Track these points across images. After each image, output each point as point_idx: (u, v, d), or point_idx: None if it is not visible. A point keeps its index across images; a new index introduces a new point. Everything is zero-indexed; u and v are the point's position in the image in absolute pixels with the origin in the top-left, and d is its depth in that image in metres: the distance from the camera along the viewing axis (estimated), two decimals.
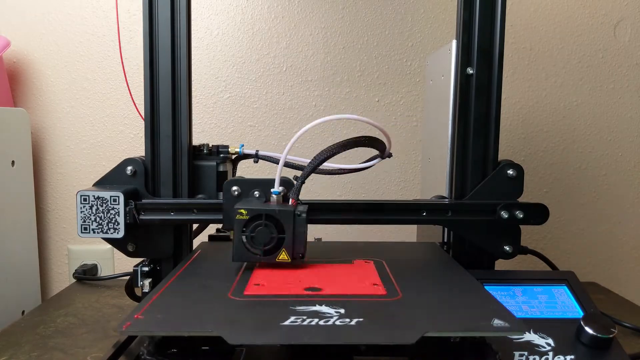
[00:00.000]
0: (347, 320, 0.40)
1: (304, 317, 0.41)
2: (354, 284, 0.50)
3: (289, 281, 0.50)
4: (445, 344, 0.45)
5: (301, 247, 0.52)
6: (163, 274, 0.63)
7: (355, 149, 0.59)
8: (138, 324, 0.40)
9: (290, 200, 0.54)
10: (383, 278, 0.52)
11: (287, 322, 0.40)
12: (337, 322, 0.40)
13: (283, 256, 0.52)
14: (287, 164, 0.66)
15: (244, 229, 0.51)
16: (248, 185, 0.57)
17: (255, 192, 0.57)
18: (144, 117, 0.61)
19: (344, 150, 0.56)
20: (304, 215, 0.52)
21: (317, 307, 0.43)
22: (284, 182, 0.56)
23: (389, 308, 0.44)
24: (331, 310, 0.42)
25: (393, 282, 0.51)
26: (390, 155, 0.61)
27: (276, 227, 0.52)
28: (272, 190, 0.55)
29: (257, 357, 0.48)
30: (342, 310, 0.42)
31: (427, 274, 0.55)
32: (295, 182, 0.55)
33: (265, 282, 0.49)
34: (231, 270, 0.54)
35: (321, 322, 0.40)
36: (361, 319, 0.40)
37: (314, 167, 0.55)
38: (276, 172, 0.55)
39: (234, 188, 0.57)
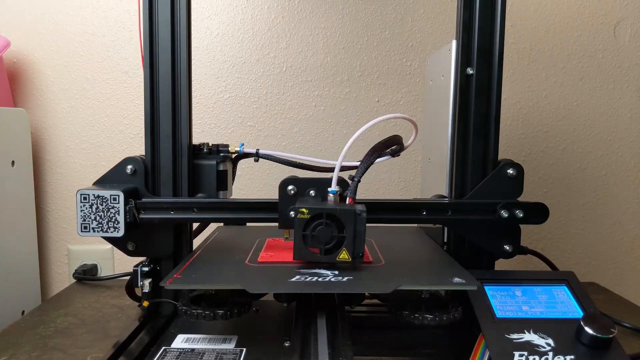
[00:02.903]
0: (340, 277, 0.51)
1: (307, 276, 0.51)
2: None
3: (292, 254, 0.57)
4: (419, 299, 0.55)
5: (361, 246, 0.52)
6: (163, 274, 0.63)
7: (357, 148, 0.59)
8: (178, 280, 0.50)
9: (348, 199, 0.54)
10: (371, 251, 0.62)
11: (293, 279, 0.50)
12: (332, 279, 0.50)
13: (344, 255, 0.52)
14: (283, 161, 0.66)
15: (305, 228, 0.52)
16: (304, 184, 0.57)
17: (311, 191, 0.57)
18: (144, 117, 0.61)
19: (387, 149, 0.59)
20: (364, 214, 0.52)
21: (316, 270, 0.53)
22: (339, 181, 0.56)
23: (374, 270, 0.54)
24: (327, 272, 0.52)
25: (378, 253, 0.61)
26: (398, 154, 0.61)
27: (337, 226, 0.52)
28: (329, 189, 0.55)
29: (270, 313, 0.61)
30: (336, 272, 0.52)
31: (407, 249, 0.66)
32: (350, 181, 0.55)
33: (274, 254, 0.59)
34: (246, 246, 0.64)
35: (319, 279, 0.50)
36: (351, 277, 0.51)
37: (368, 166, 0.56)
38: (332, 173, 0.55)
39: (290, 187, 0.57)
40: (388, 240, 0.69)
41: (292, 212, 0.53)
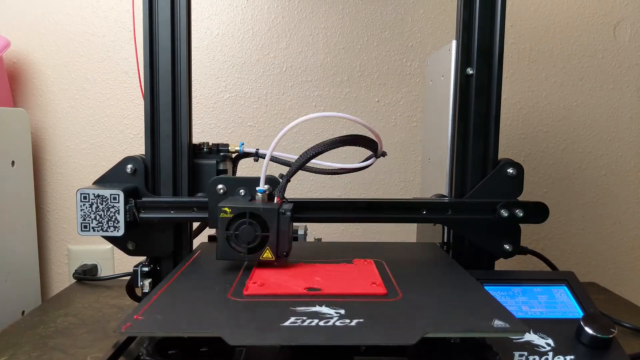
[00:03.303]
0: (347, 321, 0.40)
1: (304, 318, 0.41)
2: (354, 283, 0.49)
3: (288, 281, 0.50)
4: (446, 345, 0.45)
5: (285, 245, 0.52)
6: (163, 274, 0.63)
7: (357, 149, 0.58)
8: (138, 324, 0.39)
9: (276, 198, 0.54)
10: (383, 278, 0.51)
11: (287, 323, 0.40)
12: (337, 323, 0.40)
13: (267, 254, 0.51)
14: (282, 161, 0.66)
15: (228, 227, 0.51)
16: (234, 183, 0.57)
17: (241, 191, 0.57)
18: (144, 117, 0.61)
19: (333, 148, 0.55)
20: (288, 213, 0.51)
21: (317, 308, 0.43)
22: (270, 180, 0.56)
23: (389, 308, 0.44)
24: (331, 311, 0.42)
25: (393, 282, 0.50)
26: (384, 154, 0.60)
27: (260, 225, 0.51)
28: (257, 188, 0.54)
29: (257, 358, 0.48)
30: (342, 311, 0.42)
31: (427, 274, 0.55)
32: (281, 180, 0.55)
33: (264, 282, 0.49)
34: (231, 271, 0.53)
35: (321, 323, 0.40)
36: (361, 320, 0.40)
37: (301, 164, 0.55)
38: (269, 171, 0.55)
39: (220, 186, 0.57)
40: (402, 262, 0.58)
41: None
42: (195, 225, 0.71)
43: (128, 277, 0.65)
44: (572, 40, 1.00)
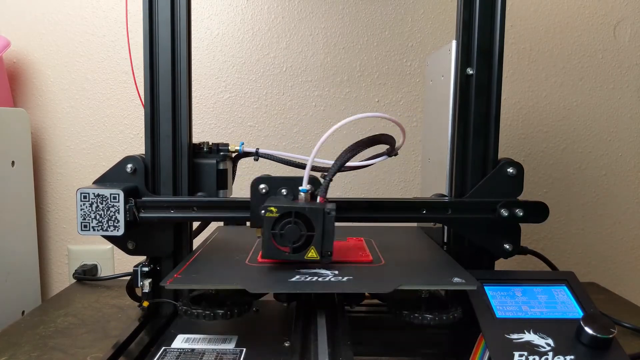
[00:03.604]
0: (340, 277, 0.51)
1: (307, 275, 0.51)
2: (347, 253, 0.60)
3: None
4: (418, 299, 0.55)
5: (330, 245, 0.52)
6: (163, 274, 0.63)
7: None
8: (178, 280, 0.50)
9: (319, 198, 0.54)
10: (371, 251, 0.62)
11: (293, 279, 0.50)
12: (332, 279, 0.51)
13: (312, 254, 0.52)
14: (282, 160, 0.66)
15: (274, 227, 0.52)
16: (275, 182, 0.57)
17: (283, 190, 0.57)
18: (144, 117, 0.61)
19: (367, 148, 0.58)
20: (333, 213, 0.52)
21: (316, 270, 0.53)
22: (312, 180, 0.56)
23: (373, 270, 0.55)
24: (327, 272, 0.53)
25: (378, 253, 0.61)
26: (396, 154, 0.61)
27: (305, 225, 0.52)
28: (300, 188, 0.55)
29: (270, 313, 0.61)
30: (336, 272, 0.53)
31: (407, 249, 0.66)
32: (322, 180, 0.55)
33: None
34: (246, 246, 0.64)
35: (319, 279, 0.51)
36: (351, 277, 0.51)
37: (341, 165, 0.56)
38: (304, 171, 0.55)
39: (262, 186, 0.57)
40: (388, 240, 0.69)
41: (262, 211, 0.53)
42: (196, 225, 0.71)
43: (128, 277, 0.65)
44: (572, 40, 1.00)
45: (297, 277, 0.51)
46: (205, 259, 0.59)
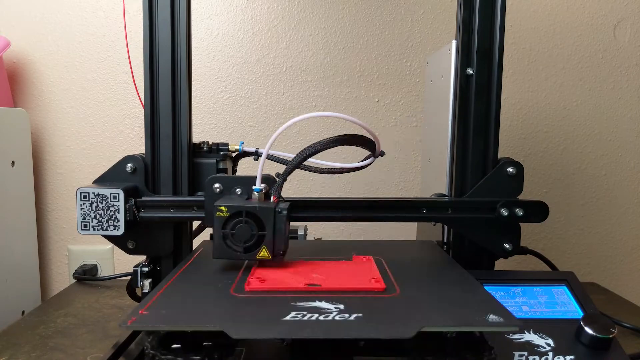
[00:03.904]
0: (346, 315, 0.41)
1: (304, 313, 0.41)
2: (353, 279, 0.50)
3: (289, 277, 0.50)
4: (443, 340, 0.46)
5: (282, 244, 0.52)
6: (163, 274, 0.63)
7: (357, 149, 0.58)
8: (143, 319, 0.41)
9: (272, 197, 0.54)
10: (383, 275, 0.52)
11: (287, 317, 0.40)
12: (337, 318, 0.40)
13: (263, 253, 0.51)
14: (280, 160, 0.66)
15: (225, 226, 0.51)
16: (230, 182, 0.57)
17: (237, 190, 0.57)
18: (144, 117, 0.61)
19: (329, 148, 0.55)
20: (284, 212, 0.51)
21: (317, 303, 0.43)
22: (266, 179, 0.55)
23: (387, 304, 0.44)
24: (331, 306, 0.43)
25: (391, 278, 0.51)
26: (382, 154, 0.60)
27: (257, 224, 0.51)
28: (253, 187, 0.54)
29: (258, 354, 0.49)
30: (342, 306, 0.43)
31: (425, 271, 0.56)
32: (277, 179, 0.55)
33: (265, 279, 0.50)
34: (233, 268, 0.54)
35: (321, 318, 0.40)
36: (360, 314, 0.41)
37: (297, 163, 0.55)
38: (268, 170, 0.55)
39: (216, 185, 0.57)
40: (401, 259, 0.59)
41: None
42: (196, 224, 0.71)
43: (128, 277, 0.65)
44: (572, 40, 1.00)
45: (293, 314, 0.41)
46: (181, 286, 0.49)
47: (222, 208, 0.51)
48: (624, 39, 1.01)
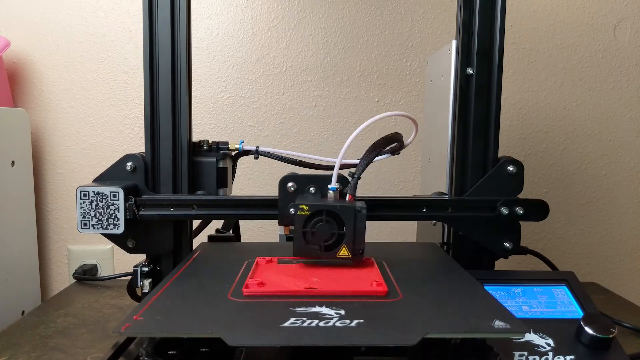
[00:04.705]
0: (347, 321, 0.40)
1: (304, 319, 0.40)
2: (354, 282, 0.49)
3: (288, 280, 0.49)
4: (446, 345, 0.45)
5: (361, 243, 0.51)
6: (163, 274, 0.63)
7: (356, 148, 0.59)
8: (137, 325, 0.39)
9: (348, 196, 0.54)
10: (384, 276, 0.51)
11: (287, 324, 0.40)
12: (337, 324, 0.40)
13: (343, 252, 0.51)
14: (279, 158, 0.66)
15: (305, 225, 0.51)
16: (304, 181, 0.57)
17: (311, 188, 0.56)
18: (144, 116, 0.61)
19: (388, 146, 0.59)
20: (364, 211, 0.51)
21: (317, 308, 0.42)
22: (339, 178, 0.56)
23: (389, 309, 0.43)
24: (331, 312, 0.42)
25: (393, 282, 0.50)
26: (398, 153, 0.62)
27: (337, 223, 0.51)
28: (329, 186, 0.55)
29: (256, 358, 0.48)
30: (342, 312, 0.42)
31: (428, 274, 0.55)
32: (350, 178, 0.55)
33: (264, 282, 0.48)
34: (231, 271, 0.53)
35: (321, 324, 0.40)
36: (361, 321, 0.40)
37: (367, 163, 0.56)
38: (338, 170, 0.55)
39: (290, 184, 0.57)
40: (403, 262, 0.58)
41: (292, 209, 0.53)
42: (196, 223, 0.71)
43: (128, 277, 0.64)
44: (572, 40, 1.00)
45: (292, 320, 0.40)
46: (178, 290, 0.48)
47: (304, 207, 0.51)
48: (624, 39, 1.01)
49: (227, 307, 0.43)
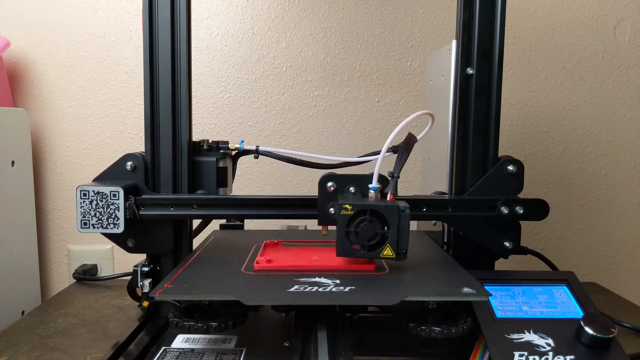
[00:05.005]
0: (342, 287, 0.48)
1: (306, 285, 0.49)
2: (349, 260, 0.56)
3: (292, 258, 0.57)
4: (425, 310, 0.52)
5: (405, 242, 0.51)
6: (163, 274, 0.63)
7: (356, 147, 0.59)
8: (169, 290, 0.47)
9: (389, 195, 0.54)
10: None
11: (292, 289, 0.48)
12: (333, 289, 0.48)
13: (387, 252, 0.51)
14: (279, 157, 0.66)
15: (348, 225, 0.51)
16: (343, 180, 0.56)
17: (351, 188, 0.56)
18: (144, 116, 0.61)
19: (413, 145, 0.61)
20: (407, 211, 0.51)
21: (316, 279, 0.50)
22: (378, 178, 0.55)
23: (377, 280, 0.51)
24: (328, 281, 0.50)
25: (382, 261, 0.57)
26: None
27: (380, 222, 0.51)
28: (370, 186, 0.54)
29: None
30: (338, 281, 0.50)
31: (412, 255, 0.60)
32: (389, 178, 0.55)
33: (272, 259, 0.56)
34: (243, 251, 0.61)
35: (320, 289, 0.48)
36: (353, 287, 0.48)
37: (404, 162, 0.57)
38: (374, 170, 0.55)
39: (330, 184, 0.56)
40: None
41: (332, 209, 0.54)
42: (196, 223, 0.71)
43: (128, 277, 0.64)
44: (572, 40, 1.00)
45: (296, 287, 0.48)
46: (199, 266, 0.56)
47: (347, 206, 0.51)
48: (624, 39, 1.01)
49: (241, 278, 0.52)
